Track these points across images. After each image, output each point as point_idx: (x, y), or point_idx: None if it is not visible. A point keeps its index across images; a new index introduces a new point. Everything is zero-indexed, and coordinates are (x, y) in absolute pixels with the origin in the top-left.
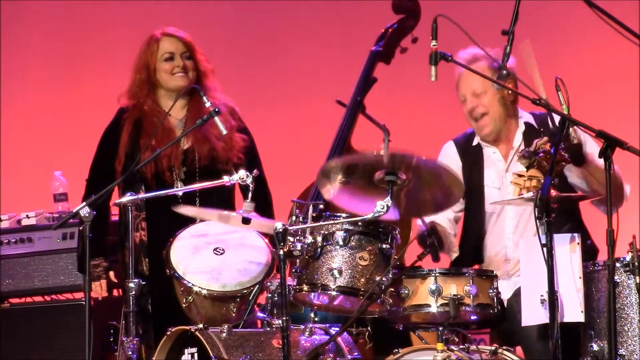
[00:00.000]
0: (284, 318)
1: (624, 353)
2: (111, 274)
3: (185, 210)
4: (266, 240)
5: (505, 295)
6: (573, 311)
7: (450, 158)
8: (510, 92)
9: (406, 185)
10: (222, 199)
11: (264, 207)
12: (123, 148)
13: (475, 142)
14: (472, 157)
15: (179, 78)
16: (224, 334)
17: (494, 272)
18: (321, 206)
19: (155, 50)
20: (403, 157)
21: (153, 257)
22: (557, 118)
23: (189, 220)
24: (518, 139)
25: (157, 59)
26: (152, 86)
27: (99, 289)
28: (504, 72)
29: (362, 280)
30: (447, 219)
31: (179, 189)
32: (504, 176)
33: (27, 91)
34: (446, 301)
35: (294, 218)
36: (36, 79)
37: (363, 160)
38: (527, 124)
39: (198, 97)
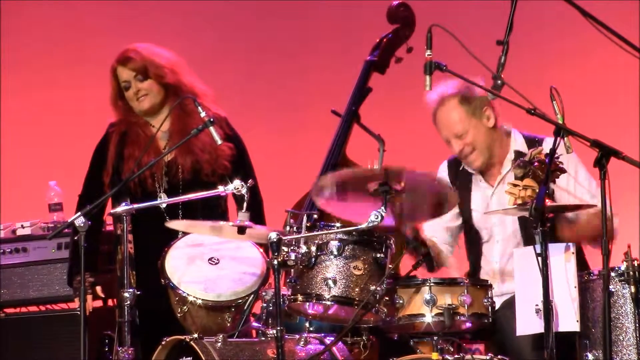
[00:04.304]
0: (279, 328)
1: None
2: (98, 288)
3: (177, 225)
4: (261, 250)
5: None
6: (568, 320)
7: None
8: (489, 117)
9: (401, 193)
10: (209, 210)
11: (256, 216)
12: (111, 161)
13: (462, 166)
14: (461, 180)
15: (140, 102)
16: (219, 344)
17: (489, 281)
18: (315, 216)
19: (115, 82)
20: (396, 170)
21: (140, 270)
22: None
23: (175, 232)
24: (506, 167)
25: (120, 88)
26: (131, 108)
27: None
28: (499, 82)
29: (357, 289)
30: (442, 228)
31: (173, 199)
32: (488, 202)
33: (22, 101)
34: (441, 311)
35: (288, 228)
36: (32, 89)
37: (355, 175)
38: (517, 152)
39: (182, 109)
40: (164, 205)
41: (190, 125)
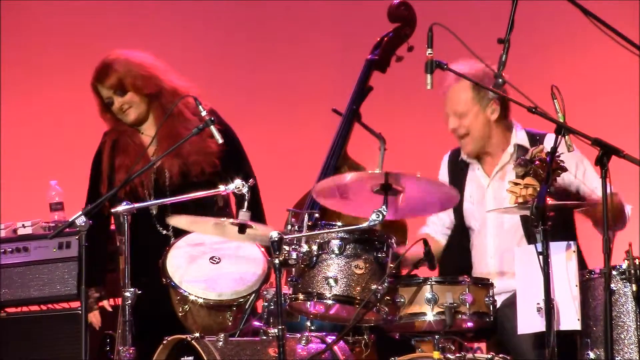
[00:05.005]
0: (280, 327)
1: None
2: (105, 303)
3: (178, 221)
4: (262, 249)
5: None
6: (569, 319)
7: (441, 170)
8: (493, 111)
9: (402, 192)
10: (203, 210)
11: (256, 213)
12: (105, 173)
13: (461, 156)
14: (457, 171)
15: (126, 115)
16: (220, 343)
17: (490, 280)
18: (317, 215)
19: (98, 98)
20: (396, 175)
21: (135, 278)
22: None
23: (168, 239)
24: (504, 159)
25: (105, 103)
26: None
27: (94, 320)
28: (500, 80)
29: (358, 288)
30: (436, 219)
31: (173, 199)
32: (484, 193)
33: (22, 101)
34: (442, 309)
35: (289, 227)
36: (32, 89)
37: (356, 179)
38: (518, 145)
39: (165, 113)
40: (154, 212)
41: (177, 128)
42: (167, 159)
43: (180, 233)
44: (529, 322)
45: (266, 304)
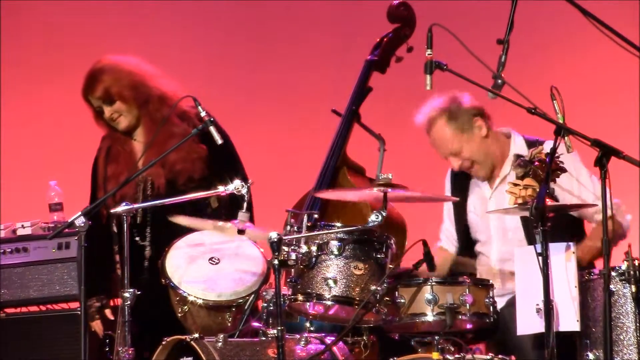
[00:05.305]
0: (280, 327)
1: None
2: (107, 311)
3: (181, 220)
4: (262, 250)
5: (499, 305)
6: (569, 320)
7: (446, 187)
8: (480, 127)
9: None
10: (197, 215)
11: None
12: (102, 181)
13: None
14: (460, 183)
15: (117, 123)
16: (220, 344)
17: (490, 281)
18: (316, 216)
19: (90, 106)
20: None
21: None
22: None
23: (142, 249)
24: (505, 170)
25: (97, 111)
26: None
27: (97, 329)
28: (499, 81)
29: (357, 289)
30: (453, 232)
31: (172, 199)
32: (487, 204)
33: (22, 101)
34: (442, 310)
35: (288, 228)
36: (32, 89)
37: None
38: (517, 155)
39: (153, 121)
40: (138, 221)
41: (161, 135)
42: (152, 168)
43: (160, 248)
44: (528, 322)
45: (265, 304)
